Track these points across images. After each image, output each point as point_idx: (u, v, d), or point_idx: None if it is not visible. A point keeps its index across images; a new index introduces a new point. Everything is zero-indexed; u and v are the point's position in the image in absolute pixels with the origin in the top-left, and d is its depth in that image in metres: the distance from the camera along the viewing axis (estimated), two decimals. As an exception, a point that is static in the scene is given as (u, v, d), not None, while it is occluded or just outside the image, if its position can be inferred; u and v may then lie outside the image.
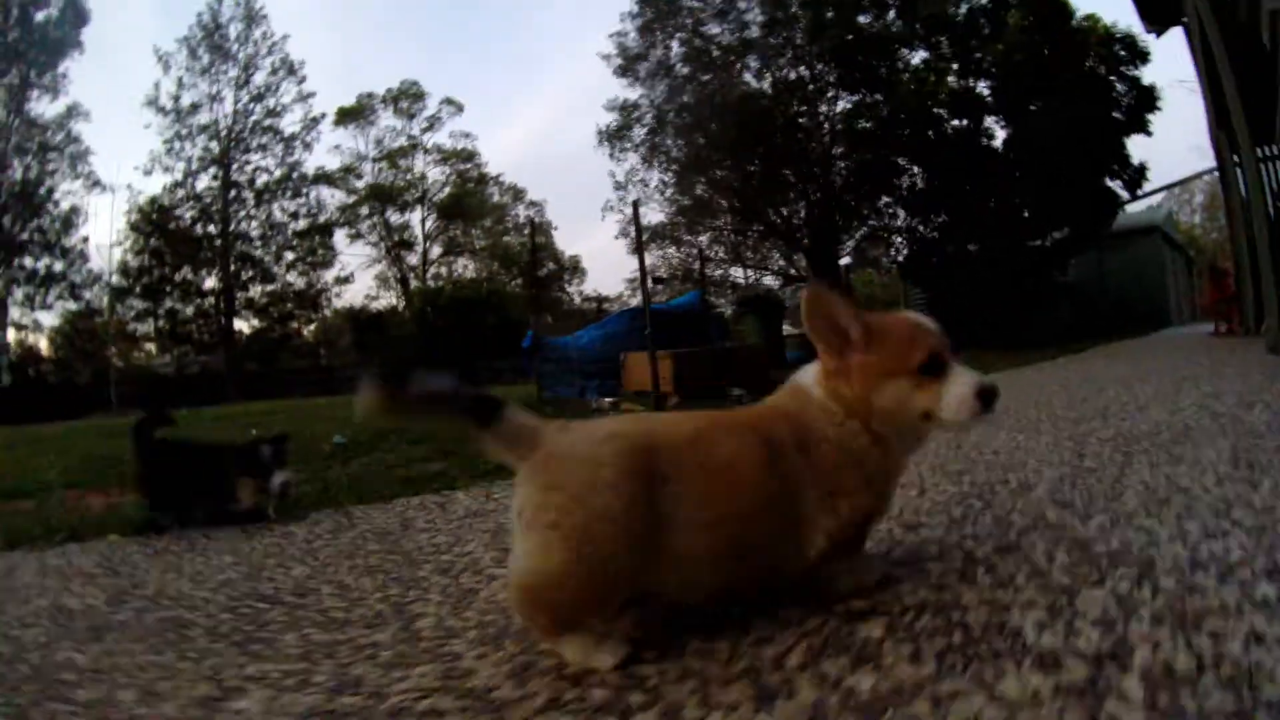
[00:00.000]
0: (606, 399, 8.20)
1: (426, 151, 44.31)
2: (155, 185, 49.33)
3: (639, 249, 6.86)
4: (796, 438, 1.27)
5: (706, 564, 1.20)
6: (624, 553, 1.11)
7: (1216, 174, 13.47)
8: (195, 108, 35.51)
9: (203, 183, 35.47)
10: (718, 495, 1.19)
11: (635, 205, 6.88)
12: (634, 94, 23.05)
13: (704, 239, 24.42)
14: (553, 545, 1.10)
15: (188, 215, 35.15)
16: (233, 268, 35.33)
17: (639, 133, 23.07)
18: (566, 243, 60.74)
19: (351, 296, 50.23)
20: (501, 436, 1.19)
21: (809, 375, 1.37)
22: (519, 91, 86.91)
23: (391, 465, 4.02)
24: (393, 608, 1.59)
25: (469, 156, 44.63)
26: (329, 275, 38.97)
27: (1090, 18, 16.69)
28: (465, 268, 44.93)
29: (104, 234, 49.91)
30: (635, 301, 23.37)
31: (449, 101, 44.37)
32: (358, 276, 41.28)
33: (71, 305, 33.38)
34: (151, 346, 37.65)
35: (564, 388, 9.73)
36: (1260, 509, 1.74)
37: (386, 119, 43.85)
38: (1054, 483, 2.20)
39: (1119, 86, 16.54)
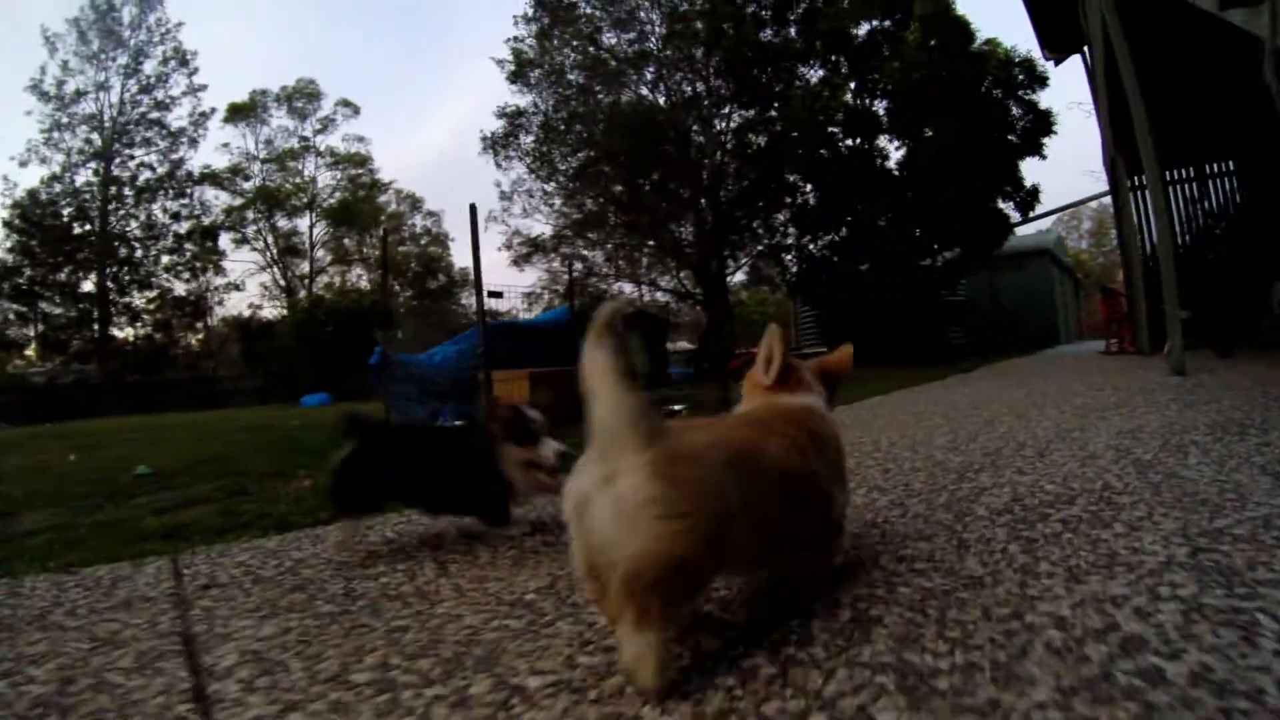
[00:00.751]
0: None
1: (319, 155, 42.23)
2: (32, 178, 45.98)
3: (474, 254, 5.84)
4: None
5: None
6: (733, 539, 1.18)
7: (1109, 197, 13.44)
8: (80, 95, 33.24)
9: (82, 177, 33.00)
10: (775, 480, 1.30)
11: (473, 208, 5.86)
12: (524, 100, 22.03)
13: (597, 254, 23.57)
14: (685, 532, 1.09)
15: (65, 212, 32.37)
16: (111, 270, 32.61)
17: (527, 141, 22.00)
18: (466, 255, 58.90)
19: (236, 304, 47.50)
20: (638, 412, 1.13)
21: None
22: (428, 96, 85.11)
23: (166, 508, 3.36)
24: None
25: (361, 161, 42.74)
26: (219, 281, 36.70)
27: (991, 42, 16.58)
28: (360, 278, 42.91)
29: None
30: (529, 315, 22.29)
31: (345, 103, 42.51)
32: (246, 284, 38.44)
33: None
34: (31, 354, 34.50)
35: (415, 409, 8.65)
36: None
37: (279, 118, 41.64)
38: (906, 624, 1.27)
39: (1015, 110, 16.46)
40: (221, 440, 7.60)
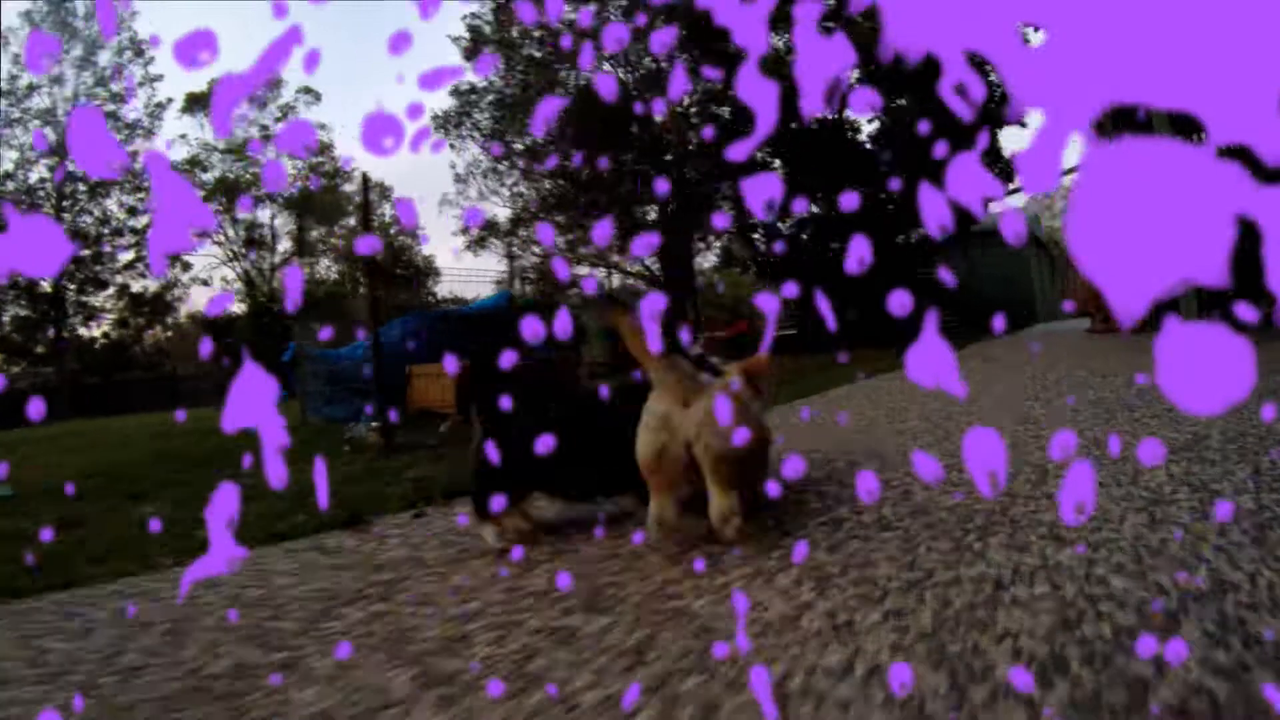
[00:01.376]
0: (371, 424, 6.27)
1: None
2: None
3: (365, 228, 4.87)
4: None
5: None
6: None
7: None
8: (32, 89, 32.11)
9: (36, 174, 32.17)
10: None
11: (365, 177, 4.89)
12: (477, 77, 21.02)
13: (557, 238, 22.60)
14: (751, 435, 1.58)
15: (20, 210, 31.09)
16: (68, 269, 31.26)
17: (482, 120, 20.92)
18: (433, 244, 57.98)
19: (200, 300, 46.20)
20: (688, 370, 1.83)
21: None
22: (396, 84, 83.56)
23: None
24: None
25: (323, 149, 41.25)
26: (185, 277, 35.55)
27: (967, 2, 15.72)
28: (329, 269, 41.50)
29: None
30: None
31: (306, 90, 41.02)
32: (212, 278, 37.08)
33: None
34: (-1, 358, 33.23)
35: (335, 409, 7.70)
36: None
37: (238, 107, 40.17)
38: None
39: (994, 76, 15.60)
40: (135, 448, 6.58)
